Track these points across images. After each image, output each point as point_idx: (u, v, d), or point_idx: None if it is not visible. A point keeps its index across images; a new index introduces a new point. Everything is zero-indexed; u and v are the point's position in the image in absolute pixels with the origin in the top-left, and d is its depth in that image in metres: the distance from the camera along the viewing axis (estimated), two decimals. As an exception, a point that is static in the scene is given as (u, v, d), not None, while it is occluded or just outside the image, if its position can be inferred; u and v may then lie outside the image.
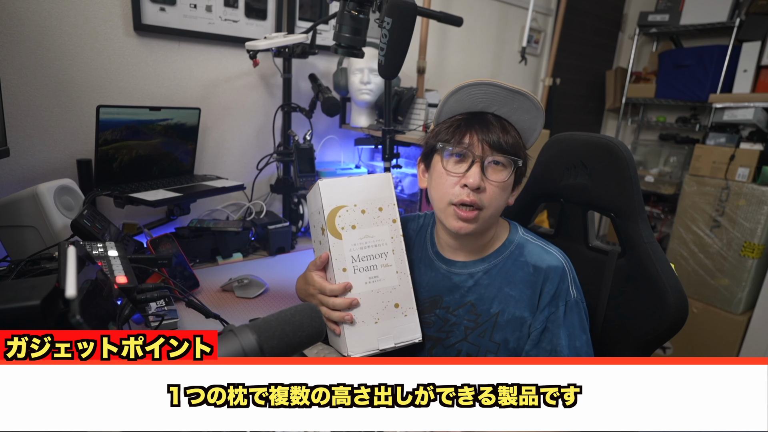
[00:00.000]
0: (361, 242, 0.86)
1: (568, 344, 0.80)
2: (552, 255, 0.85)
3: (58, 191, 1.06)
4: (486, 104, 0.82)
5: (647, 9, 2.94)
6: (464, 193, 0.80)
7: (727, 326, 2.35)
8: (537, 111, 0.81)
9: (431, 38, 2.03)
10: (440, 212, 0.86)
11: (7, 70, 1.17)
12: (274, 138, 1.64)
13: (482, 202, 0.81)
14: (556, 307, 0.82)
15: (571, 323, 0.81)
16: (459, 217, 0.82)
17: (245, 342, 0.46)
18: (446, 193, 0.83)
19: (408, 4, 0.96)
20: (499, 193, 0.82)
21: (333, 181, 0.86)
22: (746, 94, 2.41)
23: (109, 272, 0.74)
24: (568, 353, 0.80)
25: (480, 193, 0.80)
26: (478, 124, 0.81)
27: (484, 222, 0.84)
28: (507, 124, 0.83)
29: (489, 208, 0.82)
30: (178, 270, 1.16)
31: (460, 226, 0.83)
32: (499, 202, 0.83)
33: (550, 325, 0.82)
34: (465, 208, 0.81)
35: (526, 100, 0.80)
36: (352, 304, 0.83)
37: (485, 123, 0.81)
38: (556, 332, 0.81)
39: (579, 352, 0.80)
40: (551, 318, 0.82)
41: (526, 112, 0.82)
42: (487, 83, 0.79)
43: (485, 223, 0.84)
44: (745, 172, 2.26)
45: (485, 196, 0.81)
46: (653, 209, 3.01)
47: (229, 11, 1.49)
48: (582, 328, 0.82)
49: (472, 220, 0.82)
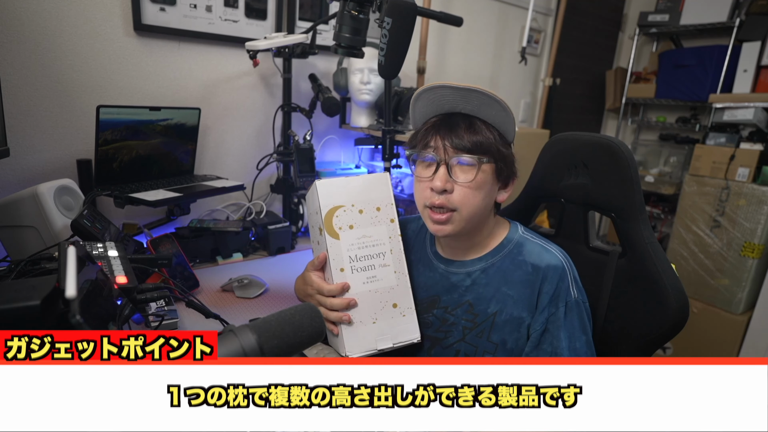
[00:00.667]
0: (359, 242, 0.85)
1: (569, 345, 0.79)
2: (551, 254, 0.84)
3: (58, 191, 1.06)
4: (451, 105, 0.83)
5: (647, 9, 2.94)
6: (433, 196, 0.81)
7: (727, 326, 2.35)
8: (498, 104, 0.78)
9: (431, 38, 2.03)
10: (422, 216, 0.88)
11: (7, 70, 1.17)
12: (274, 138, 1.64)
13: (452, 204, 0.81)
14: (556, 307, 0.81)
15: (572, 324, 0.81)
16: (432, 220, 0.83)
17: (245, 342, 0.46)
18: (420, 197, 0.85)
19: (408, 4, 0.96)
20: (470, 192, 0.80)
21: (330, 181, 0.86)
22: (746, 94, 2.41)
23: (109, 272, 0.74)
24: (569, 355, 0.79)
25: (447, 194, 0.80)
26: (444, 126, 0.81)
27: (463, 223, 0.82)
28: (477, 122, 0.81)
29: (463, 208, 0.81)
30: (178, 270, 1.16)
31: (436, 229, 0.84)
32: (473, 202, 0.81)
33: (550, 327, 0.81)
34: (437, 210, 0.82)
35: (482, 95, 0.78)
36: (350, 304, 0.83)
37: (451, 125, 0.81)
38: (556, 334, 0.80)
39: (578, 353, 0.79)
40: (551, 319, 0.81)
41: (490, 107, 0.80)
42: (439, 86, 0.79)
43: (465, 224, 0.83)
44: (745, 172, 2.26)
45: (454, 197, 0.81)
46: (653, 209, 3.01)
47: (229, 11, 1.49)
48: (582, 329, 0.81)
49: (447, 222, 0.82)
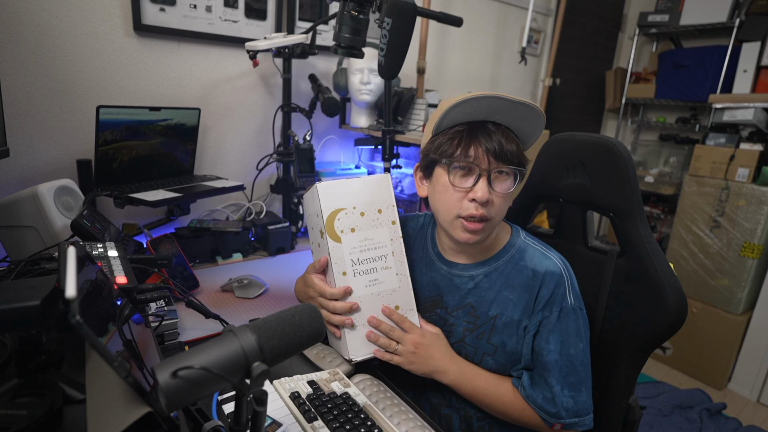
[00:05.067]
0: (361, 245, 0.85)
1: (560, 350, 0.80)
2: (551, 260, 0.85)
3: (58, 191, 1.06)
4: (488, 114, 0.81)
5: (647, 9, 2.94)
6: (472, 207, 0.80)
7: (727, 326, 2.35)
8: (539, 119, 0.81)
9: (431, 38, 2.03)
10: (447, 224, 0.85)
11: (7, 70, 1.17)
12: (274, 138, 1.64)
13: (490, 214, 0.81)
14: (549, 311, 0.82)
15: (566, 330, 0.81)
16: (467, 230, 0.82)
17: (245, 342, 0.47)
18: (453, 206, 0.82)
19: (408, 4, 0.96)
20: (504, 202, 0.83)
21: (331, 184, 0.85)
22: (746, 94, 2.41)
23: (109, 272, 0.74)
24: (557, 359, 0.79)
25: (488, 205, 0.80)
26: (481, 135, 0.80)
27: (491, 230, 0.85)
28: (508, 132, 0.82)
29: (495, 218, 0.83)
30: (178, 270, 1.16)
31: (468, 237, 0.83)
32: (503, 210, 0.84)
33: (541, 329, 0.82)
34: (473, 221, 0.81)
35: (529, 109, 0.79)
36: (353, 308, 0.83)
37: (488, 133, 0.80)
38: (546, 336, 0.81)
39: (573, 360, 0.80)
40: (544, 322, 0.82)
41: (527, 120, 0.81)
42: (492, 96, 0.77)
43: (492, 231, 0.86)
44: (745, 172, 2.26)
45: (493, 208, 0.81)
46: (653, 209, 3.01)
47: (229, 11, 1.49)
48: (578, 336, 0.81)
49: (480, 231, 0.82)
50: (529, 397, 0.81)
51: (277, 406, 0.71)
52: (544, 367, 0.80)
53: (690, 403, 2.19)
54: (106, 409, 0.46)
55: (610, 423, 0.89)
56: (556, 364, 0.79)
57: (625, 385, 0.87)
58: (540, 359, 0.81)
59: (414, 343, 0.84)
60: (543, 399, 0.79)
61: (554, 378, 0.79)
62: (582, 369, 0.80)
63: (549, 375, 0.79)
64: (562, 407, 0.78)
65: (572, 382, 0.79)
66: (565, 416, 0.78)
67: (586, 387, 0.80)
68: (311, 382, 0.76)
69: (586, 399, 0.80)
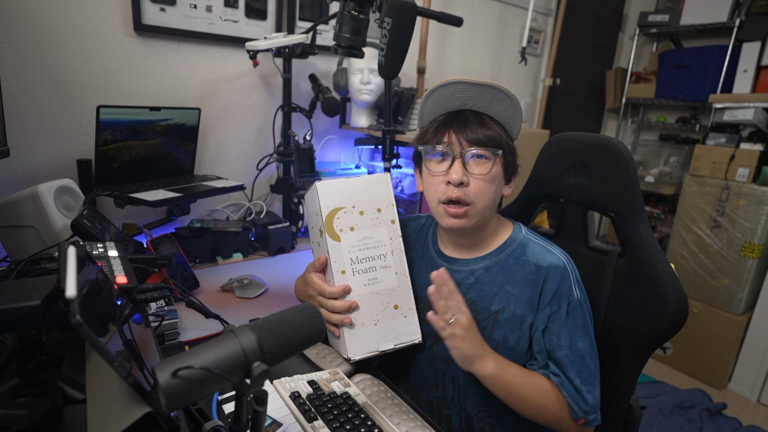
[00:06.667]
0: (360, 244, 0.85)
1: (570, 345, 0.80)
2: (554, 254, 0.85)
3: (58, 191, 1.06)
4: (462, 102, 0.85)
5: (647, 9, 2.94)
6: (450, 190, 0.82)
7: (727, 326, 2.35)
8: (510, 100, 0.83)
9: (431, 38, 2.03)
10: (434, 212, 0.88)
11: (7, 70, 1.17)
12: (274, 138, 1.64)
13: (468, 197, 0.82)
14: (558, 306, 0.82)
15: (574, 324, 0.81)
16: (449, 214, 0.83)
17: (245, 342, 0.47)
18: (435, 192, 0.85)
19: (408, 4, 0.96)
20: (485, 185, 0.83)
21: (330, 183, 0.85)
22: (746, 94, 2.41)
23: (109, 272, 0.74)
24: (569, 354, 0.79)
25: (464, 187, 0.82)
26: (456, 122, 0.84)
27: (477, 216, 0.84)
28: (487, 118, 0.85)
29: (478, 201, 0.83)
30: (178, 270, 1.16)
31: (452, 223, 0.84)
32: (487, 195, 0.83)
33: (551, 325, 0.81)
34: (453, 205, 0.83)
35: (496, 91, 0.82)
36: (352, 306, 0.83)
37: (463, 120, 0.84)
38: (556, 332, 0.81)
39: (582, 353, 0.80)
40: (552, 317, 0.82)
41: (501, 103, 0.84)
42: (455, 82, 0.82)
43: (479, 217, 0.85)
44: (745, 172, 2.26)
45: (470, 190, 0.82)
46: (653, 209, 3.01)
47: (229, 11, 1.49)
48: (585, 330, 0.82)
49: (463, 216, 0.83)
50: (563, 385, 0.79)
51: (277, 405, 0.71)
52: (557, 362, 0.80)
53: (690, 403, 2.19)
54: (107, 409, 0.46)
55: (611, 423, 0.89)
56: (568, 359, 0.79)
57: (625, 385, 0.87)
58: (551, 355, 0.81)
59: (469, 320, 0.77)
60: (575, 390, 0.78)
61: (572, 373, 0.78)
62: (592, 363, 0.80)
63: (566, 370, 0.79)
64: (587, 402, 0.78)
65: (586, 376, 0.79)
66: (590, 411, 0.78)
67: (598, 381, 0.80)
68: (311, 381, 0.76)
69: (599, 394, 0.80)
